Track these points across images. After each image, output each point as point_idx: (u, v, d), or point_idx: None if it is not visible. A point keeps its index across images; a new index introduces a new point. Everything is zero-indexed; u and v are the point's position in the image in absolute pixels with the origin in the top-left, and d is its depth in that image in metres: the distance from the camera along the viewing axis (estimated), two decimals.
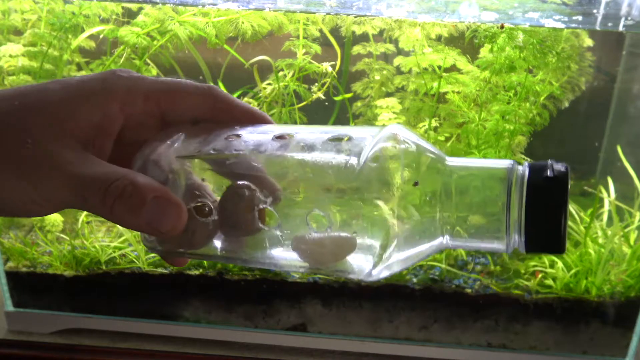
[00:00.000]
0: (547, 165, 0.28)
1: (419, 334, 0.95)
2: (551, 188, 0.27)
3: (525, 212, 0.27)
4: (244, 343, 0.96)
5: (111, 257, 0.96)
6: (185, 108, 0.32)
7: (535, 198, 0.27)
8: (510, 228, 0.28)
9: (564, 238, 0.27)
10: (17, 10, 0.95)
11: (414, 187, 0.28)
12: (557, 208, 0.27)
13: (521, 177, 0.28)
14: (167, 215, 0.28)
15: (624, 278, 0.92)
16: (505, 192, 0.28)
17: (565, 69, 0.91)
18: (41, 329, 0.96)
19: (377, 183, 0.28)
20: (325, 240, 0.29)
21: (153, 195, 0.27)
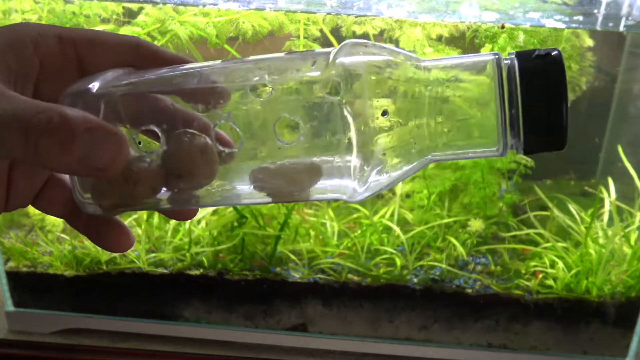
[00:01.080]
0: (535, 51, 0.24)
1: (420, 334, 0.95)
2: (547, 69, 0.23)
3: (522, 103, 0.23)
4: (244, 343, 0.96)
5: (112, 257, 0.96)
6: (105, 54, 0.29)
7: (532, 87, 0.23)
8: (505, 127, 0.24)
9: (566, 129, 0.24)
10: (17, 10, 0.95)
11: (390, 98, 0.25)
12: (557, 95, 0.23)
13: (511, 65, 0.24)
14: (104, 148, 0.23)
15: (625, 278, 0.92)
16: (496, 86, 0.24)
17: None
18: (41, 329, 0.96)
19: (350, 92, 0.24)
20: (286, 171, 0.25)
21: (86, 127, 0.23)
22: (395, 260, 0.95)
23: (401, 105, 0.25)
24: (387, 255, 0.96)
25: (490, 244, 0.99)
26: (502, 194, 0.97)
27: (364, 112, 0.24)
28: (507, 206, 0.97)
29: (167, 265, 0.96)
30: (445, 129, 0.25)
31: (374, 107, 0.24)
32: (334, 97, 0.24)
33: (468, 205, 0.97)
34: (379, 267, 0.96)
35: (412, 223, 0.98)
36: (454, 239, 0.96)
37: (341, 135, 0.25)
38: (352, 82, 0.24)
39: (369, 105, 0.24)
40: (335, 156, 0.25)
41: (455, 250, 0.96)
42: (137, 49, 0.29)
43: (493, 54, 0.25)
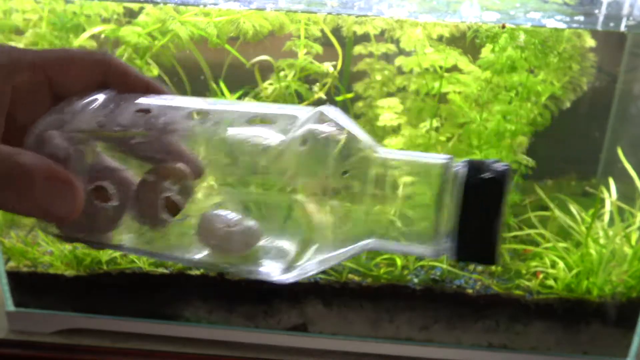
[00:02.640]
0: (486, 164, 0.24)
1: (420, 334, 0.95)
2: (486, 191, 0.24)
3: (459, 215, 0.24)
4: (244, 343, 0.96)
5: (112, 257, 0.96)
6: (75, 77, 0.29)
7: (469, 200, 0.24)
8: (439, 232, 0.24)
9: (497, 247, 0.24)
10: (18, 10, 0.95)
11: (340, 177, 0.25)
12: (491, 213, 0.24)
13: (455, 175, 0.24)
14: (61, 199, 0.24)
15: (626, 278, 0.92)
16: (438, 192, 0.25)
17: (566, 69, 0.91)
18: (42, 328, 0.96)
19: (300, 169, 0.25)
20: (230, 232, 0.26)
21: (44, 176, 0.24)
22: (395, 261, 0.95)
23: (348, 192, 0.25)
24: (388, 255, 0.96)
25: None
26: None
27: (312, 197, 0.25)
28: (508, 206, 0.97)
29: (167, 265, 0.96)
30: (386, 220, 0.25)
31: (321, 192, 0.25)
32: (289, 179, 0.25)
33: None
34: (380, 267, 0.96)
35: None
36: None
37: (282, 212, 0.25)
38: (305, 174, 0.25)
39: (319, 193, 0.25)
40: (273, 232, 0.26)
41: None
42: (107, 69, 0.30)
43: (446, 158, 0.25)
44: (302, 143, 0.25)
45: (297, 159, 0.25)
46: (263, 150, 0.25)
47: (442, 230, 0.24)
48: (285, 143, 0.25)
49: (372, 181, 0.25)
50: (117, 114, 0.28)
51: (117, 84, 0.30)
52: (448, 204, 0.24)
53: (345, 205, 0.25)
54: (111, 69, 0.30)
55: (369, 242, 0.26)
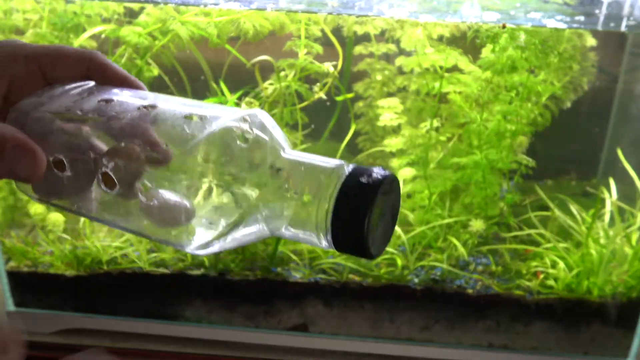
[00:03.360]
0: (368, 171, 0.28)
1: (421, 334, 0.95)
2: (358, 192, 0.28)
3: (333, 213, 0.28)
4: (245, 343, 0.96)
5: (112, 257, 0.96)
6: (64, 69, 0.35)
7: (343, 200, 0.28)
8: (319, 226, 0.28)
9: (367, 244, 0.28)
10: (19, 10, 0.95)
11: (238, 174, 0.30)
12: (361, 214, 0.27)
13: (338, 177, 0.28)
14: (25, 163, 0.29)
15: (626, 279, 0.92)
16: (322, 191, 0.28)
17: (567, 69, 0.91)
18: (42, 328, 0.96)
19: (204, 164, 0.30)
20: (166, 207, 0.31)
21: (12, 145, 0.29)
22: (396, 261, 0.95)
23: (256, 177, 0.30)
24: (388, 255, 0.96)
25: (491, 244, 0.99)
26: (503, 194, 0.97)
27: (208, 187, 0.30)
28: (508, 206, 0.97)
29: (168, 265, 0.96)
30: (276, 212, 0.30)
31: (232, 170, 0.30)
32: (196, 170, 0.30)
33: (469, 205, 0.97)
34: (380, 267, 0.96)
35: (413, 223, 0.98)
36: (455, 239, 0.96)
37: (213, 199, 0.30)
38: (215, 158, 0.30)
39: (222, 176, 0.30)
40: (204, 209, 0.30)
41: (456, 250, 0.96)
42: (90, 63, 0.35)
43: (339, 164, 0.29)
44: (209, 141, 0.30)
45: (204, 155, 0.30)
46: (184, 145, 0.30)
47: (320, 227, 0.29)
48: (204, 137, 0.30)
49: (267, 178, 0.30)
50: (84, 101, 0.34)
51: (97, 76, 0.35)
52: (329, 203, 0.28)
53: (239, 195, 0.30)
54: (93, 63, 0.35)
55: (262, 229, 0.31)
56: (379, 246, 0.30)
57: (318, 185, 0.29)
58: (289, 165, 0.30)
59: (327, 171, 0.29)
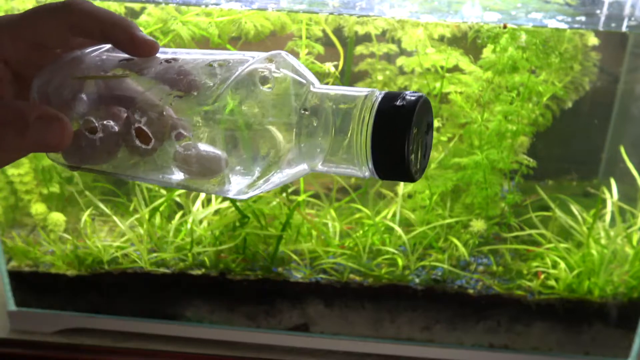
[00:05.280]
0: (400, 95, 0.28)
1: (421, 335, 0.95)
2: (395, 115, 0.27)
3: (371, 138, 0.27)
4: (246, 343, 0.96)
5: (113, 257, 0.96)
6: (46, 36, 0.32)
7: (380, 125, 0.27)
8: (360, 154, 0.28)
9: (409, 165, 0.28)
10: (19, 10, 0.95)
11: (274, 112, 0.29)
12: (400, 135, 0.27)
13: (372, 103, 0.28)
14: (52, 132, 0.29)
15: (627, 279, 0.92)
16: (356, 119, 0.28)
17: (568, 69, 0.91)
18: (44, 328, 0.96)
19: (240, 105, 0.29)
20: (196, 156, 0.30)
21: (36, 116, 0.29)
22: (397, 261, 0.95)
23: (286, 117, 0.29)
24: (389, 255, 0.96)
25: (492, 244, 0.99)
26: (504, 194, 0.97)
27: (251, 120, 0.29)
28: (509, 206, 0.97)
29: (169, 265, 0.96)
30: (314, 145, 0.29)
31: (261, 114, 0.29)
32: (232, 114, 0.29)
33: (470, 205, 0.97)
34: (381, 267, 0.96)
35: (414, 223, 0.98)
36: (455, 240, 0.96)
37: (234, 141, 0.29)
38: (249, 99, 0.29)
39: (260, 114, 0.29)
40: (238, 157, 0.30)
41: (457, 250, 0.96)
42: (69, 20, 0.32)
43: (368, 91, 0.29)
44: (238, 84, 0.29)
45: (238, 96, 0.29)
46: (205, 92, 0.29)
47: (360, 154, 0.28)
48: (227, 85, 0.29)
49: (302, 114, 0.29)
50: (105, 62, 0.33)
51: (84, 34, 0.33)
52: (363, 130, 0.28)
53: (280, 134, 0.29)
54: (73, 16, 0.32)
55: (305, 167, 0.30)
56: (421, 168, 0.29)
57: (352, 114, 0.28)
58: (321, 98, 0.29)
59: (359, 99, 0.28)
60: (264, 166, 0.30)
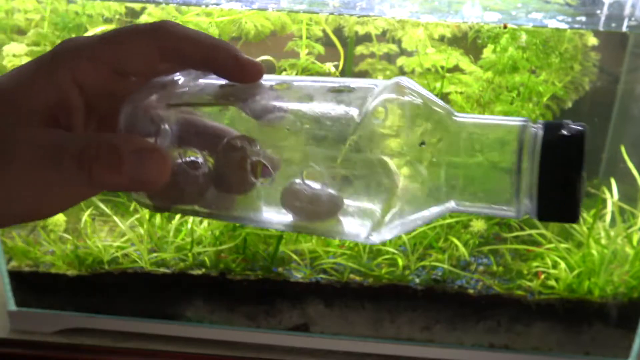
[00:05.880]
0: (563, 124, 0.25)
1: (421, 335, 0.95)
2: (567, 148, 0.24)
3: (538, 174, 0.24)
4: (246, 343, 0.96)
5: (114, 257, 0.96)
6: (132, 58, 0.29)
7: (549, 160, 0.24)
8: (520, 192, 0.25)
9: (579, 205, 0.25)
10: (20, 10, 0.95)
11: (418, 145, 0.26)
12: (572, 171, 0.24)
13: (534, 135, 0.25)
14: (149, 167, 0.26)
15: (627, 279, 0.92)
16: (517, 152, 0.25)
17: (568, 69, 0.91)
18: (44, 328, 0.96)
19: (379, 138, 0.26)
20: (313, 197, 0.27)
21: (131, 149, 0.26)
22: (397, 261, 0.95)
23: (429, 153, 0.26)
24: (389, 255, 0.96)
25: (493, 244, 0.99)
26: None
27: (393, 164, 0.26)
28: None
29: (169, 265, 0.96)
30: (465, 181, 0.26)
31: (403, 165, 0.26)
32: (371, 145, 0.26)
33: None
34: (381, 267, 0.96)
35: None
36: (456, 240, 0.96)
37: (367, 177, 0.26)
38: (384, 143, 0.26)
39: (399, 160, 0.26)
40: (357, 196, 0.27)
41: (457, 250, 0.96)
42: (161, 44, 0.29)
43: (523, 120, 0.26)
44: (376, 113, 0.26)
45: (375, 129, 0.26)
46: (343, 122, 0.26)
47: (521, 191, 0.25)
48: (366, 113, 0.26)
49: (448, 147, 0.26)
50: (204, 87, 0.29)
51: (176, 58, 0.29)
52: (527, 165, 0.25)
53: (423, 170, 0.26)
54: (164, 40, 0.29)
55: (447, 206, 0.27)
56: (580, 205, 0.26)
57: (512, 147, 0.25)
58: (469, 128, 0.26)
59: (515, 129, 0.25)
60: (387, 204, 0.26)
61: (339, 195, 0.27)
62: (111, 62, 0.28)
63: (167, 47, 0.29)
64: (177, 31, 0.29)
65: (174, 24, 0.29)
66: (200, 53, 0.29)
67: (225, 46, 0.29)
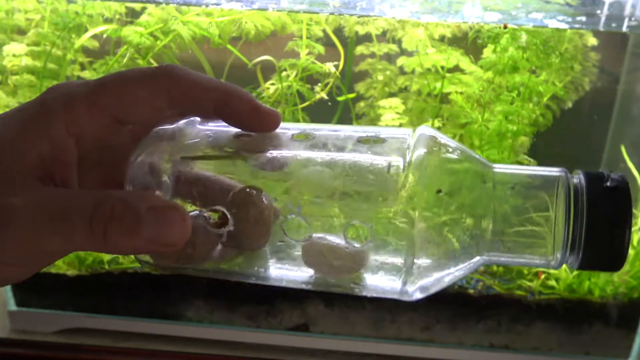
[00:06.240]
0: (605, 175, 0.25)
1: (422, 335, 0.95)
2: (614, 200, 0.24)
3: (586, 226, 0.24)
4: (246, 343, 0.96)
5: (114, 257, 0.96)
6: (138, 106, 0.26)
7: (598, 211, 0.24)
8: (567, 244, 0.25)
9: (626, 256, 0.25)
10: (20, 10, 0.95)
11: (453, 198, 0.25)
12: (622, 224, 0.24)
13: (578, 185, 0.25)
14: (170, 227, 0.23)
15: (627, 279, 0.92)
16: (555, 204, 0.25)
17: (568, 69, 0.91)
18: (44, 328, 0.96)
19: (422, 192, 0.25)
20: (338, 252, 0.26)
21: (147, 207, 0.23)
22: None
23: (462, 205, 0.25)
24: None
25: None
26: None
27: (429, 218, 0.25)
28: None
29: None
30: (502, 235, 0.26)
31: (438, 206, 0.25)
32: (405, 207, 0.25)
33: None
34: None
35: None
36: None
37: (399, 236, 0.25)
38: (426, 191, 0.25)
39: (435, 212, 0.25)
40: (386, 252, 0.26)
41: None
42: (169, 91, 0.26)
43: (561, 171, 0.26)
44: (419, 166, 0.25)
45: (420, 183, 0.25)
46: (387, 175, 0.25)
47: (563, 243, 0.25)
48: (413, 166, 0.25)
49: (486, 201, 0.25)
50: (217, 139, 0.27)
51: (187, 105, 0.27)
52: (566, 216, 0.24)
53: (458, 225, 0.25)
54: (173, 87, 0.26)
55: (479, 259, 0.26)
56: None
57: (551, 199, 0.25)
58: (506, 178, 0.25)
59: (557, 181, 0.25)
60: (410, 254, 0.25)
61: (363, 250, 0.26)
62: (113, 110, 0.26)
63: (175, 93, 0.26)
64: (187, 76, 0.27)
65: (181, 68, 0.27)
66: (214, 100, 0.27)
67: (241, 93, 0.27)
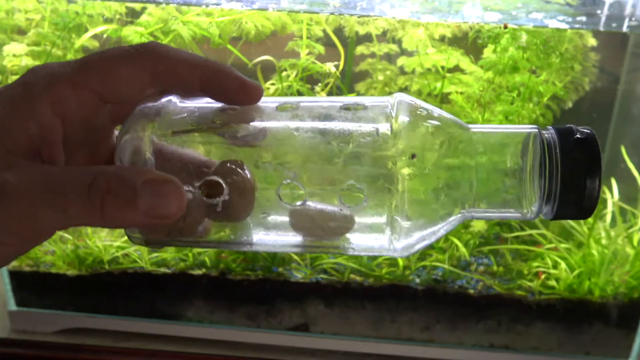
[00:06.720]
0: (574, 129, 0.27)
1: (422, 335, 0.95)
2: (585, 150, 0.26)
3: (560, 177, 0.26)
4: (246, 343, 0.96)
5: (114, 257, 0.96)
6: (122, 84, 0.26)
7: (571, 161, 0.26)
8: (544, 195, 0.26)
9: (597, 202, 0.26)
10: (20, 10, 0.95)
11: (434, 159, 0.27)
12: (593, 170, 0.26)
13: (551, 140, 0.27)
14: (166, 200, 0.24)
15: (627, 279, 0.92)
16: (530, 158, 0.27)
17: (568, 69, 0.91)
18: (44, 328, 0.96)
19: (407, 152, 0.26)
20: (325, 216, 0.26)
21: (143, 180, 0.23)
22: (397, 261, 0.95)
23: (443, 164, 0.27)
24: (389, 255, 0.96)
25: (493, 244, 0.99)
26: None
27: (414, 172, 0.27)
28: None
29: (169, 264, 0.96)
30: (479, 189, 0.27)
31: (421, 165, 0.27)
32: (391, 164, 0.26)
33: None
34: (382, 267, 0.96)
35: None
36: (456, 240, 0.96)
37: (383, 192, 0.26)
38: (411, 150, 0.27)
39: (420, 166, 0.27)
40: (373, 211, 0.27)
41: (457, 250, 0.96)
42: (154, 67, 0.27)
43: (534, 127, 0.28)
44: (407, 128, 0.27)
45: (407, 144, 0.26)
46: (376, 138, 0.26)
47: (540, 194, 0.26)
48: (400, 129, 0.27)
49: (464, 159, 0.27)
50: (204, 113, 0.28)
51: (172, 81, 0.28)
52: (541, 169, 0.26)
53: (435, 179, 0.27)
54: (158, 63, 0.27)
55: (460, 216, 0.28)
56: None
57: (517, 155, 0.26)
58: (483, 137, 0.27)
59: (529, 136, 0.27)
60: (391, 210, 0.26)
61: (350, 214, 0.27)
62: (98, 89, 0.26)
63: (160, 70, 0.27)
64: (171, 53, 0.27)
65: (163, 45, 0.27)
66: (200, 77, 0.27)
67: (224, 68, 0.28)
